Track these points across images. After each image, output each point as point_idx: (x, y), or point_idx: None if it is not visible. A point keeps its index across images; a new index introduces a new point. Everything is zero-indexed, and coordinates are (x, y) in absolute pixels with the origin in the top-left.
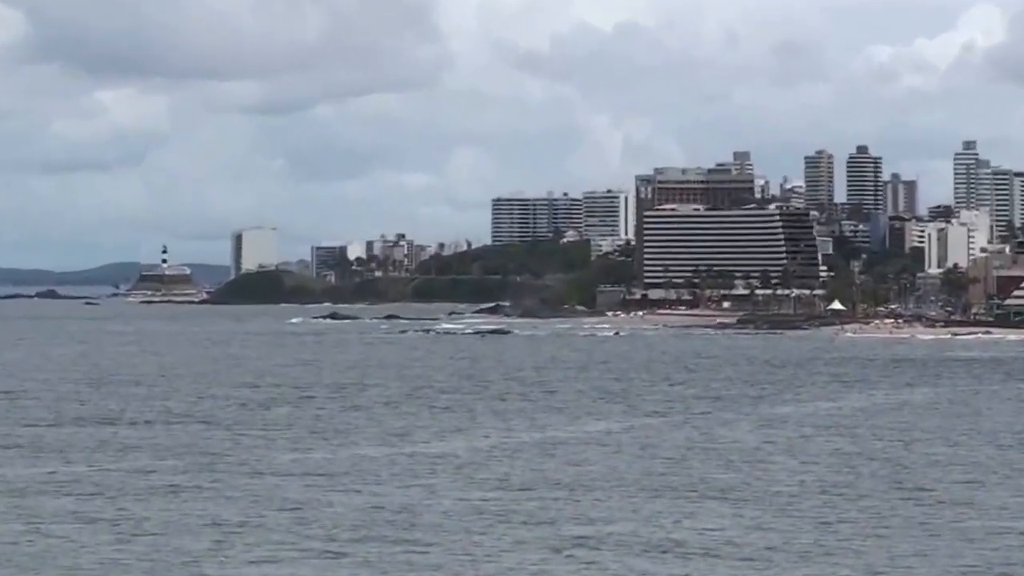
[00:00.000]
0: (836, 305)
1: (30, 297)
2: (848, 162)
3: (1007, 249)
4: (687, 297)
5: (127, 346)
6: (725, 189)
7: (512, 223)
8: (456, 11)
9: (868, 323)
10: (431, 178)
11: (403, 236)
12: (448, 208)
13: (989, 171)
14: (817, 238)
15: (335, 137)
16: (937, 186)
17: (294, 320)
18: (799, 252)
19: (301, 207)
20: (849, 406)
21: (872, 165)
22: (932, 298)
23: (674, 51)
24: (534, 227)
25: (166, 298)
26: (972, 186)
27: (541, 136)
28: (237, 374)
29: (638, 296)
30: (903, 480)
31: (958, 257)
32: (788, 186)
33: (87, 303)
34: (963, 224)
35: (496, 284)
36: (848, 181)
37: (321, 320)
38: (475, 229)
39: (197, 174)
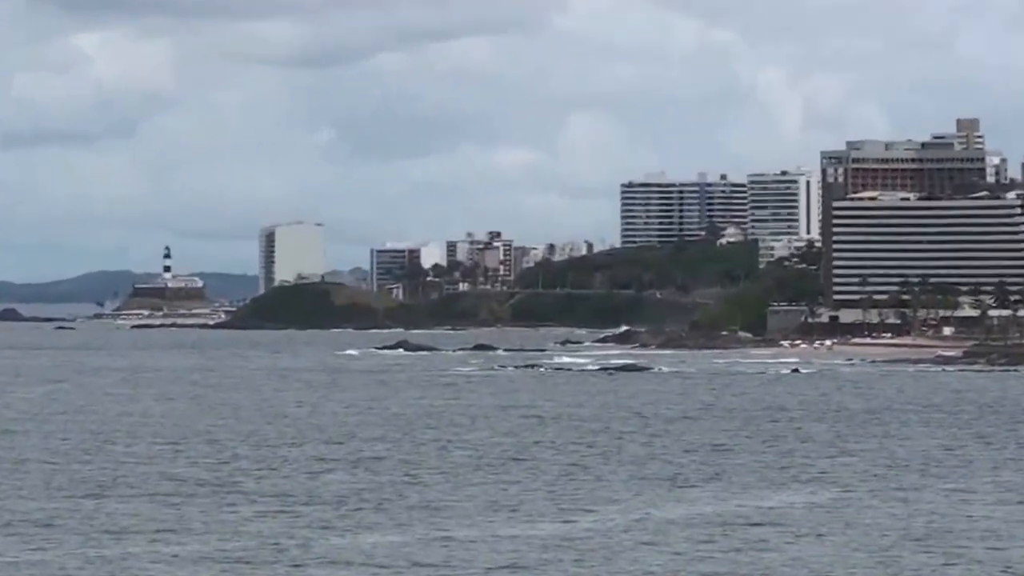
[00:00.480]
0: None
1: None
2: None
3: None
4: (893, 321)
5: (117, 389)
6: (945, 170)
7: (648, 218)
8: None
9: None
10: (536, 155)
11: (498, 235)
12: (559, 197)
13: None
14: None
15: (403, 99)
16: None
17: (350, 352)
18: None
19: (356, 195)
20: None
21: None
22: None
23: None
24: (680, 223)
25: (169, 320)
26: None
27: (689, 98)
28: (288, 434)
29: (825, 319)
30: None
31: None
32: None
33: (59, 327)
34: None
35: (627, 301)
36: None
37: (387, 351)
38: (597, 226)
39: (211, 149)
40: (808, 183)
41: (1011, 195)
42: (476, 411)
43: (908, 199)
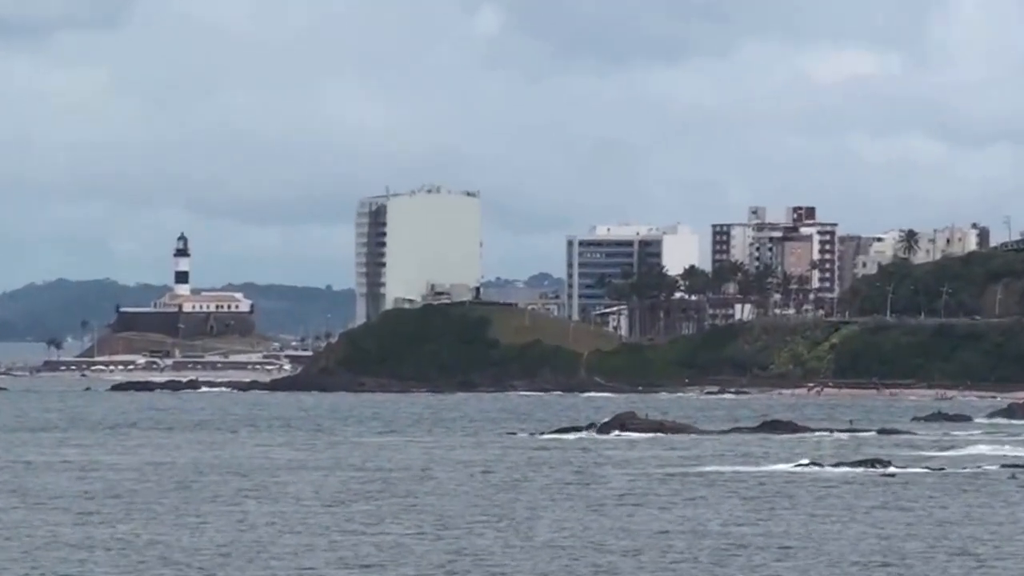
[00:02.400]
0: None
1: None
2: None
3: None
4: None
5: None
6: None
7: None
8: None
9: None
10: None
11: (809, 213)
12: (939, 143)
13: None
14: None
15: None
16: None
17: (575, 435)
18: None
19: (535, 140)
20: None
21: None
22: None
23: None
24: None
25: (185, 374)
26: None
27: None
28: None
29: None
30: None
31: None
32: None
33: None
34: None
35: None
36: None
37: (651, 438)
38: (998, 198)
39: (256, 53)
40: None
41: None
42: None
43: None
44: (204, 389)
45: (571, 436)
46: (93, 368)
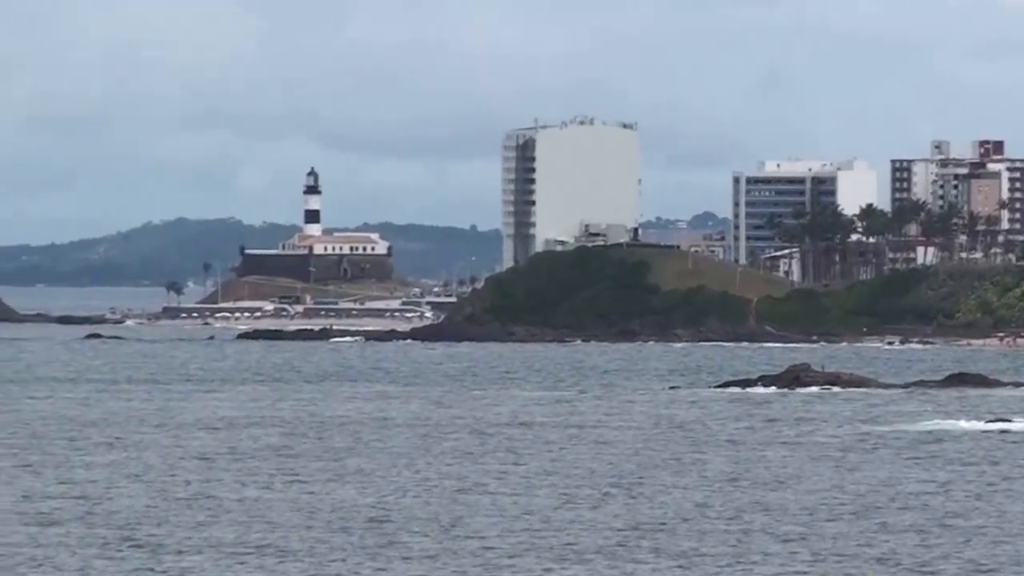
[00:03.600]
0: None
1: None
2: None
3: None
4: None
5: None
6: None
7: None
8: None
9: None
10: None
11: (997, 147)
12: None
13: None
14: None
15: None
16: None
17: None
18: None
19: (695, 65)
20: None
21: None
22: None
23: None
24: None
25: (316, 321)
26: None
27: None
28: None
29: None
30: None
31: None
32: None
33: (92, 336)
34: None
35: None
36: None
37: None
38: None
39: None
40: None
41: None
42: None
43: None
44: (333, 340)
45: (750, 390)
46: (216, 315)
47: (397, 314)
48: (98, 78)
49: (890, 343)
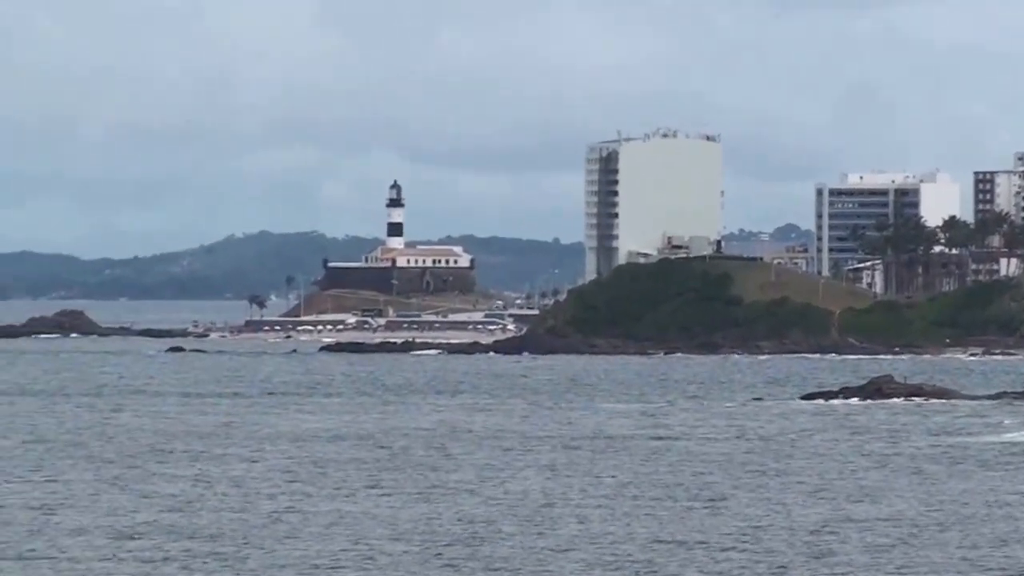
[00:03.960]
0: None
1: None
2: None
3: None
4: None
5: None
6: None
7: None
8: None
9: None
10: None
11: None
12: None
13: None
14: None
15: None
16: None
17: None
18: None
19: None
20: None
21: None
22: None
23: None
24: None
25: (397, 333)
26: None
27: None
28: None
29: None
30: None
31: None
32: None
33: (173, 350)
34: None
35: None
36: None
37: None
38: None
39: None
40: None
41: None
42: None
43: None
44: (413, 354)
45: (833, 402)
46: (299, 328)
47: (480, 327)
48: (183, 92)
49: (973, 355)
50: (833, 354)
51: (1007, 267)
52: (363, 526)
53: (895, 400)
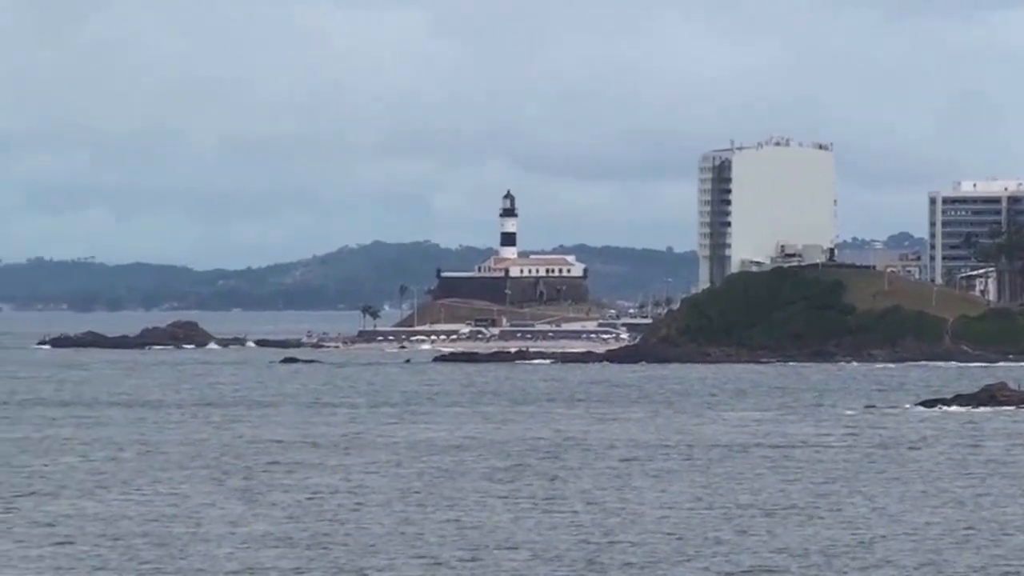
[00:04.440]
0: None
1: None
2: None
3: None
4: None
5: None
6: None
7: None
8: None
9: None
10: None
11: None
12: None
13: None
14: None
15: None
16: None
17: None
18: None
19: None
20: None
21: None
22: None
23: None
24: None
25: (511, 342)
26: None
27: None
28: None
29: None
30: None
31: None
32: None
33: (287, 360)
34: None
35: None
36: None
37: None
38: None
39: None
40: None
41: None
42: None
43: None
44: (535, 361)
45: (947, 409)
46: (413, 338)
47: (593, 336)
48: (297, 103)
49: None
50: (946, 362)
51: None
52: (483, 535)
53: (1009, 407)
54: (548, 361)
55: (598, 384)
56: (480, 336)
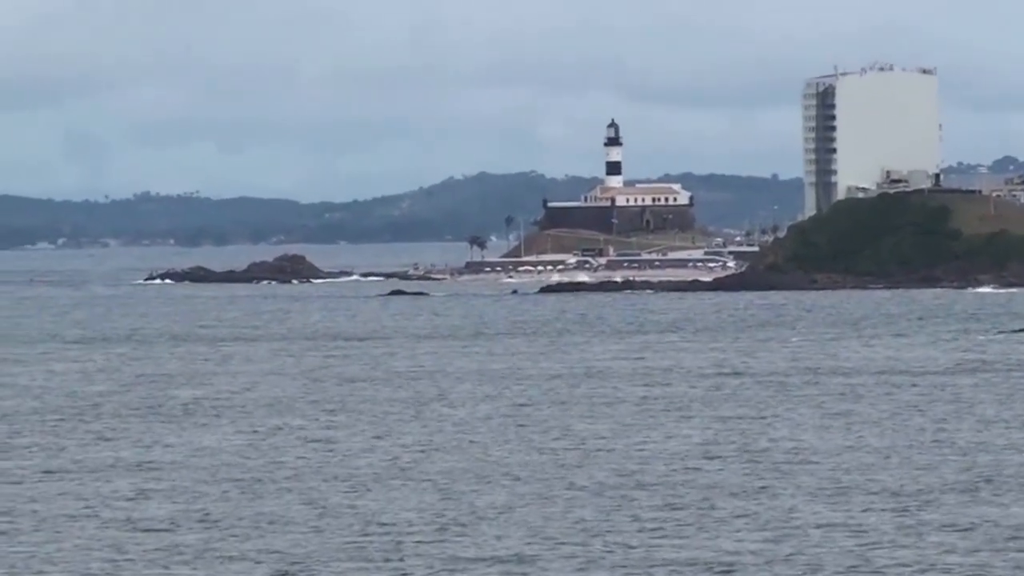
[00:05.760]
0: None
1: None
2: None
3: None
4: None
5: None
6: None
7: None
8: None
9: None
10: None
11: None
12: None
13: None
14: None
15: None
16: None
17: None
18: None
19: None
20: None
21: None
22: None
23: None
24: None
25: (629, 268)
26: None
27: None
28: None
29: None
30: None
31: None
32: None
33: (394, 292)
34: None
35: None
36: None
37: None
38: None
39: None
40: None
41: None
42: None
43: None
44: (631, 292)
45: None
46: (519, 269)
47: (700, 264)
48: (400, 35)
49: None
50: None
51: None
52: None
53: None
54: (654, 291)
55: (704, 312)
56: (587, 266)
